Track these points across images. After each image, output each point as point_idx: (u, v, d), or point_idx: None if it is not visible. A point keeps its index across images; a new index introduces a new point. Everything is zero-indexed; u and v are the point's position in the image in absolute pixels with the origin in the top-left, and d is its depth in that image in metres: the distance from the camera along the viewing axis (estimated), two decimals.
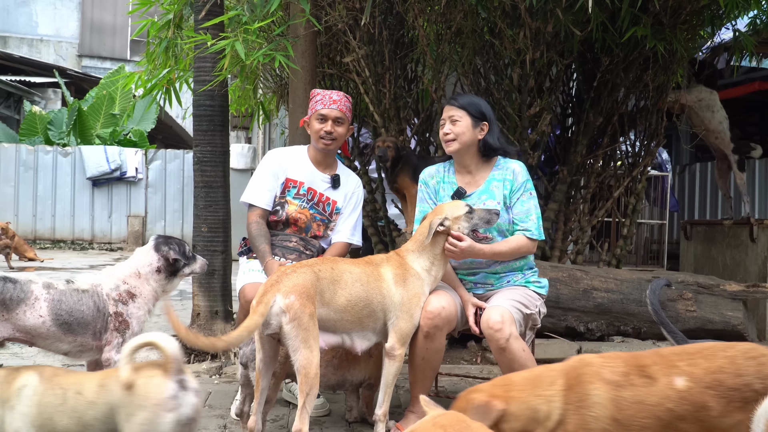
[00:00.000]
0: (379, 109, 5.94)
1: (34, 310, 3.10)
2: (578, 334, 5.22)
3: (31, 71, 18.08)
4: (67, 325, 3.17)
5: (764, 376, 2.19)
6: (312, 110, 3.86)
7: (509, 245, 3.45)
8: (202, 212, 5.14)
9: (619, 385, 2.22)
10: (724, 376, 2.20)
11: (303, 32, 4.75)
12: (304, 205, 3.84)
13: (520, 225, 3.48)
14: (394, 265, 3.28)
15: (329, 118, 3.80)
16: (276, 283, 2.93)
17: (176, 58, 5.93)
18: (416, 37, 5.70)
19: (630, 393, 2.21)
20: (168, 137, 21.34)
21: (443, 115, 3.54)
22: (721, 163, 7.26)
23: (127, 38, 23.08)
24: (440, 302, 3.30)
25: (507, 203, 3.51)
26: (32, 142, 15.50)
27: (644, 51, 5.53)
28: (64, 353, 3.29)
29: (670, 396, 2.20)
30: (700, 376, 2.21)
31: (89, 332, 3.22)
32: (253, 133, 15.21)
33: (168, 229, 15.10)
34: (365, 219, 6.45)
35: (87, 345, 3.26)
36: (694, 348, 2.36)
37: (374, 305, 3.14)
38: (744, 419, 2.14)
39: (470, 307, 3.42)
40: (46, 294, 3.15)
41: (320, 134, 3.81)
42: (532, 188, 3.55)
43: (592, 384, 2.21)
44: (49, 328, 3.13)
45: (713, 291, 5.36)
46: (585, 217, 6.13)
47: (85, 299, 3.23)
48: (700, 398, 2.19)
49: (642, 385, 2.22)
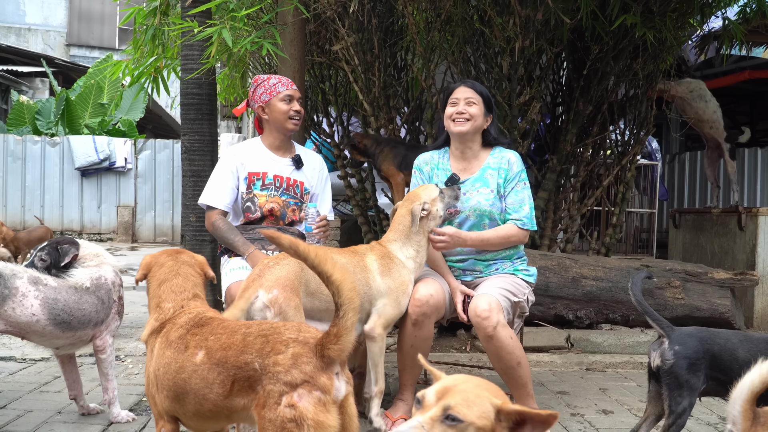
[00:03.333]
0: (368, 98, 5.91)
1: (23, 308, 3.05)
2: (567, 322, 5.24)
3: (18, 60, 17.90)
4: (66, 323, 3.15)
5: (266, 353, 2.05)
6: (271, 94, 3.75)
7: (498, 233, 3.45)
8: (190, 201, 5.10)
9: (169, 344, 2.30)
10: (230, 353, 2.12)
11: (291, 20, 4.71)
12: (273, 193, 3.75)
13: (513, 215, 3.48)
14: (378, 255, 3.28)
15: (295, 98, 3.76)
16: (258, 278, 2.90)
17: (163, 46, 5.88)
18: (406, 24, 5.68)
19: (168, 354, 2.28)
20: (157, 127, 21.20)
21: (456, 95, 3.49)
22: (712, 152, 7.28)
23: (116, 27, 22.87)
24: (428, 290, 3.30)
25: (501, 192, 3.50)
26: (20, 132, 15.37)
27: (634, 39, 5.53)
28: (56, 348, 3.29)
29: (186, 367, 2.20)
30: (214, 351, 2.16)
31: (90, 325, 3.24)
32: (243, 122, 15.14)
33: (158, 220, 15.05)
34: (356, 209, 6.45)
35: (84, 337, 3.28)
36: (238, 325, 2.27)
37: (360, 295, 3.13)
38: (247, 403, 2.09)
39: (458, 295, 3.42)
40: (35, 291, 3.08)
41: (289, 114, 3.73)
42: (526, 179, 3.55)
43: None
44: (45, 327, 3.10)
45: (701, 279, 5.40)
46: (574, 205, 6.14)
47: (86, 297, 3.22)
48: (207, 374, 2.14)
49: (177, 351, 2.25)
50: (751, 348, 2.72)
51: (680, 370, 2.70)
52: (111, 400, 3.38)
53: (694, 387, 2.70)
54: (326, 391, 1.98)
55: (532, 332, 5.09)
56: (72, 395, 3.49)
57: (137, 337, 5.12)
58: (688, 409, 2.70)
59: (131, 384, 4.11)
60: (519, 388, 3.31)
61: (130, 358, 4.73)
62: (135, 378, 4.25)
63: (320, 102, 6.77)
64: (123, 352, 4.81)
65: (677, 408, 2.69)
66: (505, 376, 3.33)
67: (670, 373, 2.71)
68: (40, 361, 4.55)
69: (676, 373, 2.70)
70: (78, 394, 3.48)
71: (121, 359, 4.68)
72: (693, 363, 2.70)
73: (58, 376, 4.17)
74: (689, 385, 2.69)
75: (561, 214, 6.12)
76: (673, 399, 2.70)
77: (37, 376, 4.19)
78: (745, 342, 2.76)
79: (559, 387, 4.34)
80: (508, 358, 3.22)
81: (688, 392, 2.69)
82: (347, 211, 7.25)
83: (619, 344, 5.15)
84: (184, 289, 2.50)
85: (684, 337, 2.76)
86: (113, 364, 3.37)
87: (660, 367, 2.75)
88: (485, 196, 3.49)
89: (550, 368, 4.82)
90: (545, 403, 3.90)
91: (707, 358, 2.71)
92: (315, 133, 6.82)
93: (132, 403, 3.69)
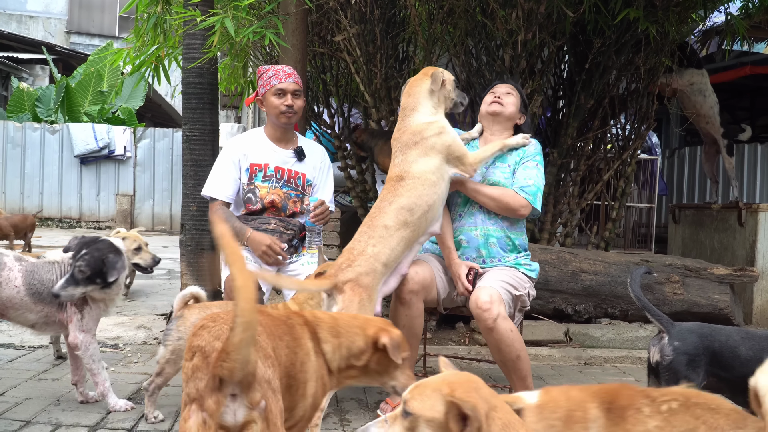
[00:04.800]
0: (369, 89, 5.90)
1: (9, 281, 3.23)
2: (566, 316, 5.25)
3: (18, 47, 17.87)
4: (39, 294, 3.27)
5: (186, 357, 1.88)
6: (266, 87, 3.75)
7: (492, 189, 3.48)
8: (191, 191, 5.10)
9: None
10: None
11: (294, 10, 4.70)
12: (274, 185, 3.76)
13: (517, 184, 3.49)
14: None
15: (288, 92, 3.73)
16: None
17: (165, 35, 5.86)
18: (408, 16, 5.66)
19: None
20: (157, 115, 21.18)
21: (495, 90, 3.65)
22: (709, 147, 7.27)
23: (116, 15, 22.82)
24: (414, 269, 3.31)
25: (515, 170, 3.54)
26: (20, 119, 15.35)
27: (636, 33, 5.51)
28: (30, 325, 3.37)
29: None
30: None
31: (55, 303, 3.30)
32: (243, 112, 15.11)
33: (157, 208, 15.05)
34: (355, 200, 6.44)
35: (52, 316, 3.34)
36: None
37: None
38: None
39: (462, 267, 3.41)
40: (19, 265, 3.27)
41: (281, 109, 3.72)
42: (540, 162, 3.57)
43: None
44: (23, 297, 3.25)
45: (700, 274, 5.40)
46: (574, 199, 6.14)
47: (54, 269, 3.33)
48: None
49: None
50: (754, 345, 2.71)
51: (679, 366, 2.69)
52: (104, 392, 3.38)
53: (694, 383, 2.70)
54: (211, 414, 1.76)
55: (530, 326, 5.09)
56: (74, 381, 3.51)
57: (136, 325, 5.13)
58: None
59: (130, 373, 4.11)
60: (518, 381, 3.32)
61: (128, 346, 4.73)
62: (133, 367, 4.25)
63: (321, 93, 6.76)
64: (122, 341, 4.82)
65: None
66: (505, 368, 3.33)
67: (670, 369, 2.71)
68: (38, 348, 4.56)
69: (676, 369, 2.70)
70: (79, 380, 3.50)
71: (120, 348, 4.69)
72: (692, 359, 2.69)
73: (57, 364, 4.18)
74: (688, 381, 2.69)
75: (561, 208, 6.12)
76: None
77: (36, 364, 4.19)
78: (747, 339, 2.75)
79: (557, 381, 4.35)
80: (508, 351, 3.23)
81: None
82: (347, 202, 7.24)
83: (617, 339, 5.16)
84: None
85: (684, 332, 2.75)
86: (95, 358, 3.35)
87: (659, 362, 2.74)
88: (501, 170, 3.54)
89: (549, 362, 4.83)
90: None
91: (707, 354, 2.71)
92: (316, 123, 6.80)
93: (131, 392, 3.69)
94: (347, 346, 2.26)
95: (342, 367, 2.28)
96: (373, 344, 2.26)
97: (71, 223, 14.70)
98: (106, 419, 3.27)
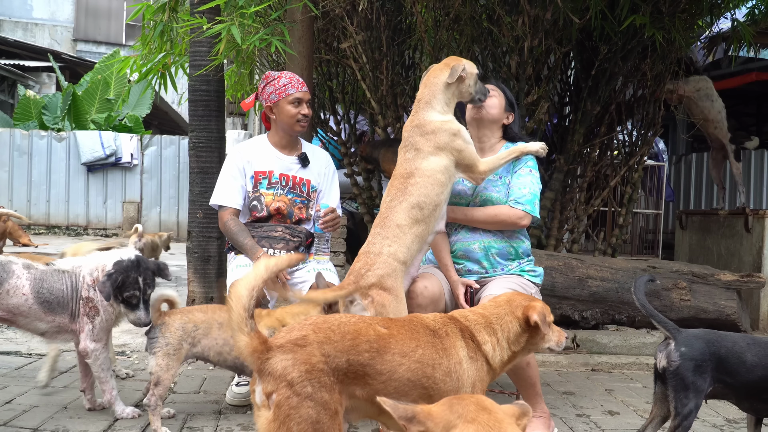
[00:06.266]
0: (376, 96, 5.91)
1: (17, 289, 3.21)
2: (573, 323, 5.23)
3: (25, 55, 17.96)
4: (48, 303, 3.26)
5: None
6: (280, 95, 3.74)
7: (485, 211, 3.43)
8: (197, 198, 5.12)
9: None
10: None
11: (300, 17, 4.71)
12: (280, 192, 3.76)
13: (511, 197, 3.45)
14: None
15: (304, 101, 3.76)
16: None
17: (172, 43, 5.89)
18: (414, 23, 5.68)
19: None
20: (163, 123, 21.24)
21: None
22: (716, 153, 7.27)
23: (123, 22, 22.92)
24: (423, 282, 3.29)
25: (510, 181, 3.51)
26: (26, 127, 15.40)
27: (643, 40, 5.52)
28: (41, 333, 3.35)
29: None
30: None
31: (67, 312, 3.31)
32: (249, 119, 15.15)
33: (163, 216, 15.08)
34: (362, 207, 6.45)
35: (64, 326, 3.34)
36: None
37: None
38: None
39: (460, 287, 3.40)
40: (27, 273, 3.25)
41: (297, 118, 3.74)
42: (534, 168, 3.51)
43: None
44: (31, 306, 3.24)
45: (708, 280, 5.38)
46: (581, 206, 6.13)
47: (65, 279, 3.32)
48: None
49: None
50: (759, 352, 2.71)
51: (686, 372, 2.69)
52: (111, 400, 3.39)
53: (700, 389, 2.70)
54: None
55: None
56: (82, 387, 3.52)
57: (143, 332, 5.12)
58: (694, 411, 2.69)
59: (137, 380, 4.11)
60: (527, 388, 3.31)
61: (136, 354, 4.74)
62: (141, 374, 4.25)
63: (327, 100, 6.77)
64: (129, 348, 4.82)
65: (683, 410, 2.68)
66: (514, 375, 3.33)
67: (676, 375, 2.70)
68: (46, 356, 4.56)
69: (682, 375, 2.69)
70: (88, 386, 3.50)
71: (127, 355, 4.69)
72: (699, 365, 2.69)
73: (65, 371, 4.18)
74: (695, 387, 2.68)
75: (567, 215, 6.11)
76: (679, 401, 2.70)
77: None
78: (753, 345, 2.75)
79: (564, 387, 4.34)
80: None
81: (694, 394, 2.69)
82: (353, 209, 7.25)
83: (624, 345, 5.14)
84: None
85: (690, 338, 2.75)
86: (104, 366, 3.36)
87: (666, 368, 2.74)
88: (492, 183, 3.49)
89: (556, 368, 4.82)
90: (551, 403, 3.90)
91: (714, 360, 2.70)
92: (322, 130, 6.82)
93: (138, 399, 3.69)
94: (505, 338, 2.41)
95: (504, 360, 2.42)
96: (526, 324, 2.42)
97: (78, 231, 14.73)
98: (113, 426, 3.28)
